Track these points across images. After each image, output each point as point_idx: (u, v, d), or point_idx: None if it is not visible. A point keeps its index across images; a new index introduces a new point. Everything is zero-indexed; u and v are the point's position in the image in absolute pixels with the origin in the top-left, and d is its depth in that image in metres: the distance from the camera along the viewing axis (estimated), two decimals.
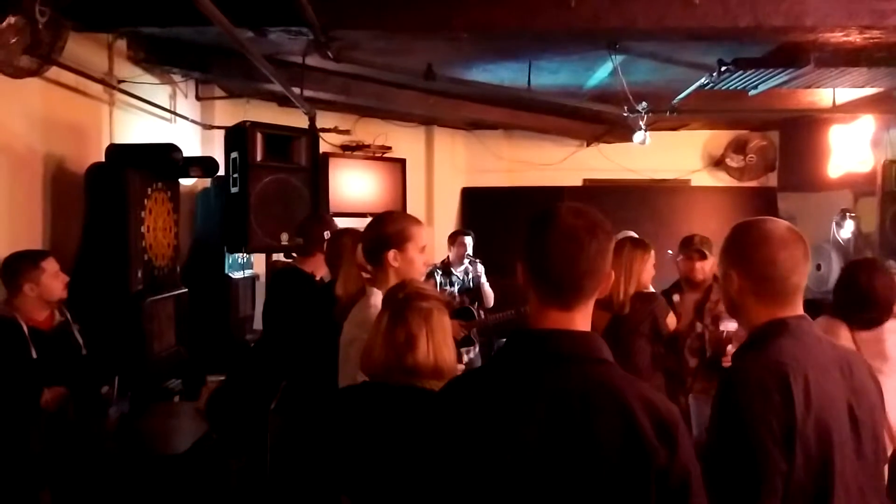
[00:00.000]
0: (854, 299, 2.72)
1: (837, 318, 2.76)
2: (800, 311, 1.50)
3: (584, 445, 1.10)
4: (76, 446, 2.35)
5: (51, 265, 2.76)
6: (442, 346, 1.71)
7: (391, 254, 2.11)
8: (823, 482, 1.37)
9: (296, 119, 4.81)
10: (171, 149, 3.56)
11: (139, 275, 3.38)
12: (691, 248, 3.48)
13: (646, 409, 1.12)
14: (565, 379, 1.14)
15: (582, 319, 1.22)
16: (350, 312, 2.19)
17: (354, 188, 6.41)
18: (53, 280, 2.74)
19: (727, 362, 2.81)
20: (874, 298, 2.70)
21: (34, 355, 2.54)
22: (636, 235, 5.38)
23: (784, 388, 1.35)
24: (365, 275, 2.22)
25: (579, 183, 7.16)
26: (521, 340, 1.23)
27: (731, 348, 2.80)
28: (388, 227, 2.15)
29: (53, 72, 3.23)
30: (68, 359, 2.69)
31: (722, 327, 2.81)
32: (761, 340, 1.47)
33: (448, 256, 5.23)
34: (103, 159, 3.53)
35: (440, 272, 5.12)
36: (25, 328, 2.59)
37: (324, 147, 6.07)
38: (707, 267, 3.41)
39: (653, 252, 3.33)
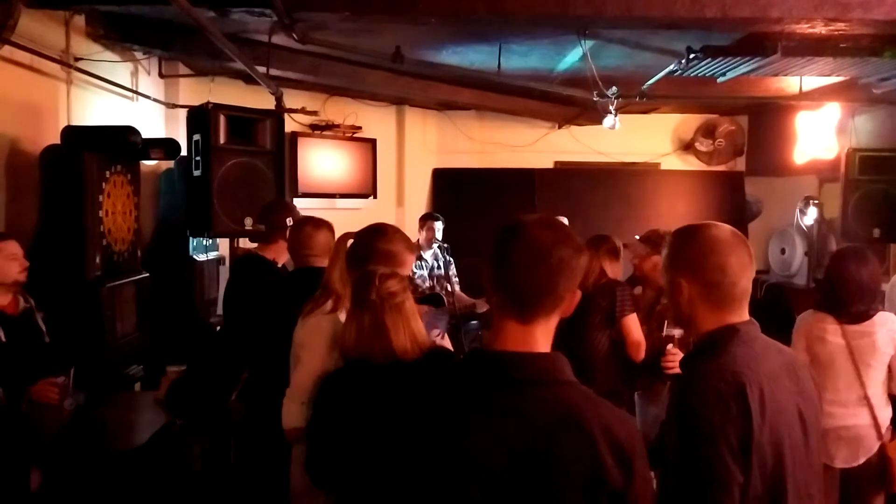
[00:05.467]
0: (843, 293, 2.66)
1: (824, 312, 2.72)
2: (746, 315, 1.50)
3: (541, 471, 1.09)
4: (29, 440, 2.32)
5: (10, 247, 2.70)
6: (415, 329, 1.91)
7: None
8: (778, 490, 1.38)
9: (263, 97, 4.68)
10: (129, 131, 3.46)
11: (97, 260, 3.30)
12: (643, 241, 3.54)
13: (605, 434, 1.11)
14: (524, 404, 1.13)
15: (542, 336, 1.20)
16: (307, 311, 2.19)
17: (324, 168, 6.32)
18: (9, 262, 2.66)
19: (668, 362, 2.84)
20: (863, 291, 2.63)
21: (3, 339, 2.50)
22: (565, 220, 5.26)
23: (741, 398, 1.35)
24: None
25: (550, 165, 7.17)
26: (480, 362, 1.22)
27: (670, 347, 2.83)
28: (389, 245, 2.14)
29: (6, 50, 3.11)
30: (34, 345, 2.65)
31: (666, 332, 2.85)
32: (712, 348, 1.45)
33: (418, 240, 5.22)
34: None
35: None
36: None
37: (292, 126, 5.96)
38: (649, 264, 3.41)
39: (621, 259, 3.49)
